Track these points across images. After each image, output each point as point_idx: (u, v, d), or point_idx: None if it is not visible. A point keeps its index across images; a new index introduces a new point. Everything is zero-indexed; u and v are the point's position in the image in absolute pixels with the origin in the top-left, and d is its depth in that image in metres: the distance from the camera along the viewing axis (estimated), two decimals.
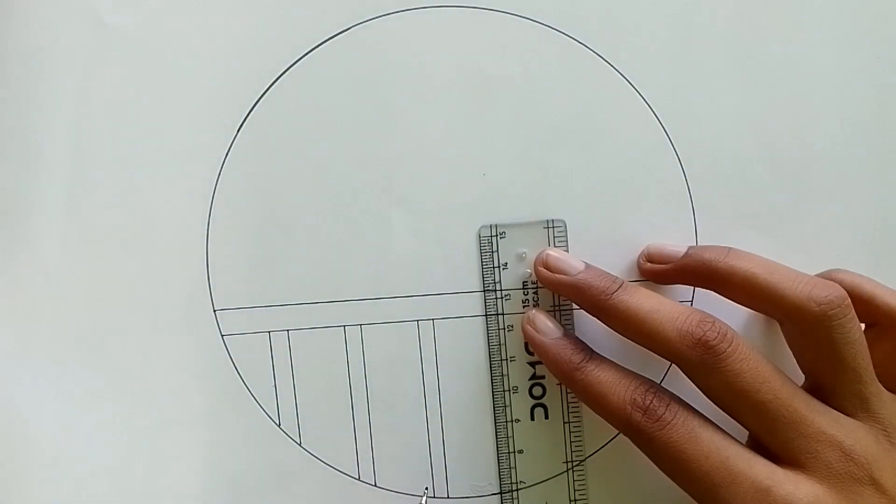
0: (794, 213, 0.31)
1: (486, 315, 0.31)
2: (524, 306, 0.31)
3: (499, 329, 0.31)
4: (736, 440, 0.26)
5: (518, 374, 0.31)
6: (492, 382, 0.31)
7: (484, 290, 0.31)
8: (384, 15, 0.31)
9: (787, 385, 0.26)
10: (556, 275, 0.29)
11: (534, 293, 0.31)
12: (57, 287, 0.31)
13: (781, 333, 0.30)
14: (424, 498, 0.31)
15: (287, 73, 0.31)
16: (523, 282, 0.31)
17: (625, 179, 0.31)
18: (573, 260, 0.29)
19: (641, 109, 0.31)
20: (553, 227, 0.31)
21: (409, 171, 0.31)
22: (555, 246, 0.31)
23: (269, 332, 0.31)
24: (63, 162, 0.31)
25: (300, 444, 0.31)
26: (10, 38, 0.31)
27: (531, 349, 0.31)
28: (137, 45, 0.31)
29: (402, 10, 0.31)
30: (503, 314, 0.31)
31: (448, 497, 0.31)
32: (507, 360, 0.31)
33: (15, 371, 0.31)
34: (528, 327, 0.30)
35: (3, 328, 0.31)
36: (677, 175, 0.31)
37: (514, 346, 0.31)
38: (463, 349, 0.31)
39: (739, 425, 0.27)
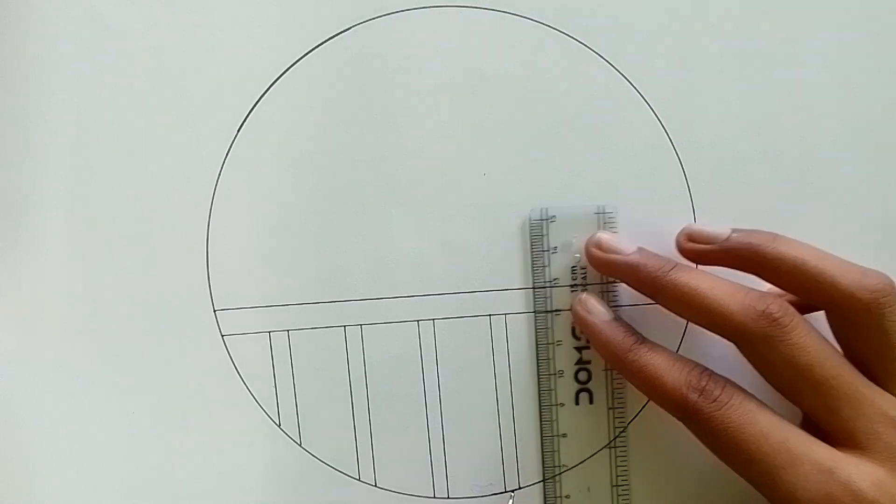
0: (794, 213, 0.31)
1: (534, 299, 0.31)
2: (572, 291, 0.31)
3: (546, 313, 0.31)
4: (791, 423, 0.26)
5: (564, 358, 0.31)
6: (538, 366, 0.31)
7: (533, 276, 0.31)
8: (384, 15, 0.31)
9: (847, 364, 0.26)
10: (610, 255, 0.29)
11: (582, 278, 0.31)
12: (58, 287, 0.31)
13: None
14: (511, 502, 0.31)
15: (287, 73, 0.31)
16: (572, 267, 0.31)
17: (625, 179, 0.31)
18: (625, 241, 0.29)
19: (642, 109, 0.31)
20: (604, 213, 0.31)
21: (409, 170, 0.31)
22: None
23: (269, 332, 0.31)
24: (63, 162, 0.31)
25: (300, 444, 0.31)
26: (10, 38, 0.31)
27: (580, 332, 0.31)
28: (138, 45, 0.31)
29: (402, 10, 0.31)
30: (551, 299, 0.31)
31: (448, 497, 0.31)
32: (553, 343, 0.31)
33: (16, 371, 0.31)
34: (580, 309, 0.30)
35: (4, 328, 0.31)
36: (677, 175, 0.31)
37: (561, 330, 0.31)
38: (463, 348, 0.31)
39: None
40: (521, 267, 0.31)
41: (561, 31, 0.31)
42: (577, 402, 0.31)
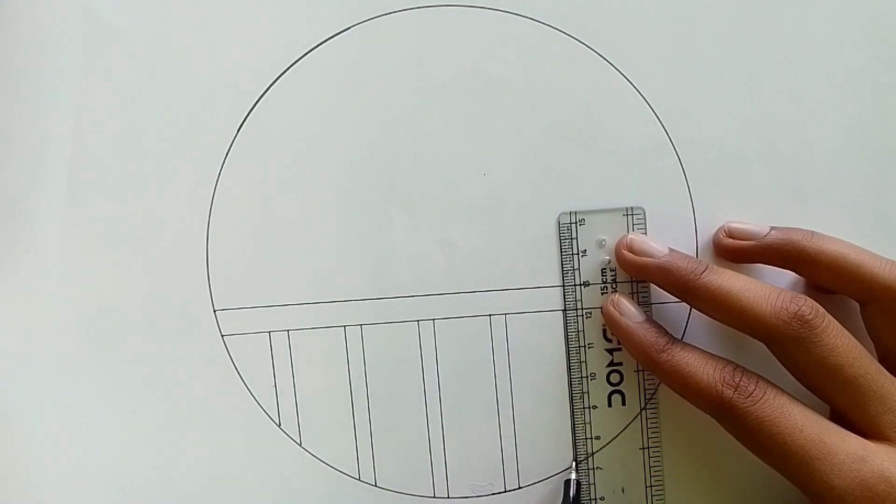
0: (794, 213, 0.31)
1: (564, 301, 0.31)
2: (602, 293, 0.31)
3: (577, 316, 0.31)
4: (822, 416, 0.27)
5: (596, 360, 0.31)
6: (569, 369, 0.31)
7: (563, 278, 0.31)
8: (384, 15, 0.31)
9: (874, 362, 0.27)
10: (642, 258, 0.29)
11: (612, 280, 0.31)
12: (57, 287, 0.31)
13: None
14: (573, 468, 0.31)
15: (287, 73, 0.31)
16: (602, 269, 0.31)
17: (625, 179, 0.31)
18: (657, 243, 0.30)
19: (642, 109, 0.31)
20: (633, 214, 0.31)
21: (409, 170, 0.31)
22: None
23: (269, 332, 0.31)
24: (63, 162, 0.31)
25: (300, 444, 0.31)
26: (10, 38, 0.31)
27: (612, 333, 0.31)
28: (137, 45, 0.31)
29: (402, 10, 0.31)
30: (581, 301, 0.31)
31: (448, 497, 0.31)
32: (585, 346, 0.31)
33: (15, 371, 0.31)
34: (612, 310, 0.30)
35: (3, 328, 0.31)
36: (677, 175, 0.31)
37: (593, 332, 0.31)
38: (463, 348, 0.31)
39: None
40: (520, 266, 0.31)
41: (561, 31, 0.31)
42: (609, 405, 0.31)
